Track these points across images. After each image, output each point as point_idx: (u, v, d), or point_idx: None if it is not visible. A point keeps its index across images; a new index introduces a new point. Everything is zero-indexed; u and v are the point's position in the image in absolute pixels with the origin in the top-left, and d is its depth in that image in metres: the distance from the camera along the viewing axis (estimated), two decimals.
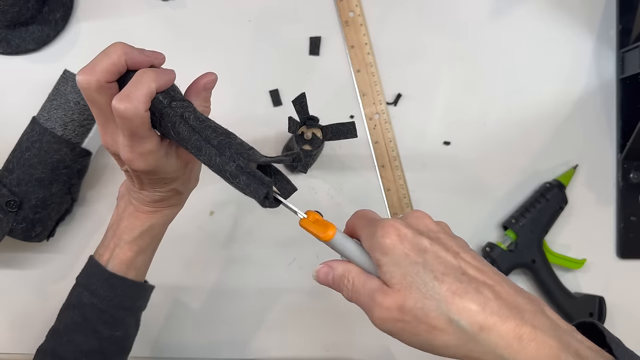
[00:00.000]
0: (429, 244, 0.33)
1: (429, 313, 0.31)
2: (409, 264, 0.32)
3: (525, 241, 0.61)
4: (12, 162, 0.56)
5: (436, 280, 0.32)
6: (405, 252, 0.33)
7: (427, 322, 0.31)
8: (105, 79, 0.39)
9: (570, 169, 0.63)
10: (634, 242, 0.64)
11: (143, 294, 0.51)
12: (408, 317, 0.32)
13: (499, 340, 0.30)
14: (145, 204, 0.46)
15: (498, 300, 0.31)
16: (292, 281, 0.64)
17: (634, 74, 0.62)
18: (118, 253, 0.48)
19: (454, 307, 0.31)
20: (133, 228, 0.47)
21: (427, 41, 0.64)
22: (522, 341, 0.30)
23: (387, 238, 0.33)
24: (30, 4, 0.59)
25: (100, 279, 0.48)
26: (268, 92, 0.63)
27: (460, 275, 0.32)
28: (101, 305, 0.47)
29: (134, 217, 0.47)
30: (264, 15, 0.64)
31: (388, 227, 0.33)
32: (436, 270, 0.32)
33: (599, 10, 0.65)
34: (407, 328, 0.32)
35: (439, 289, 0.31)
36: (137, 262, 0.48)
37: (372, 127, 0.64)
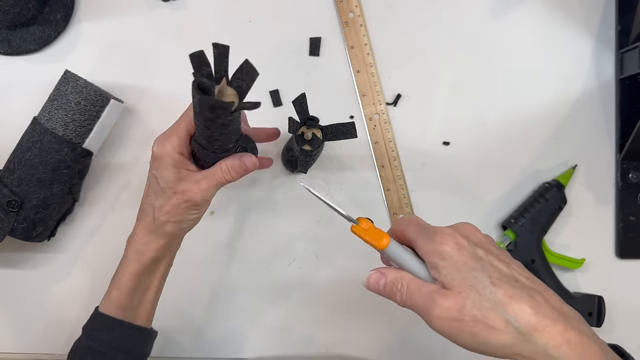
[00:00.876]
0: (484, 253, 0.37)
1: (487, 314, 0.34)
2: (468, 270, 0.35)
3: (525, 241, 0.62)
4: (13, 162, 0.57)
5: (493, 286, 0.35)
6: (463, 259, 0.36)
7: (486, 322, 0.34)
8: None
9: (569, 169, 0.64)
10: (633, 242, 0.64)
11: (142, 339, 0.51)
12: (467, 318, 0.34)
13: (550, 341, 0.33)
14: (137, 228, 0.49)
15: (548, 305, 0.35)
16: (292, 281, 0.64)
17: (633, 74, 0.62)
18: (107, 293, 0.50)
19: (511, 310, 0.34)
20: (119, 268, 0.49)
21: (427, 42, 0.64)
22: (570, 343, 0.33)
23: (447, 245, 0.36)
24: (31, 5, 0.59)
25: (95, 322, 0.49)
26: (268, 92, 0.64)
27: (514, 282, 0.35)
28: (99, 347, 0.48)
29: (126, 249, 0.49)
30: (264, 16, 0.64)
31: (447, 236, 0.36)
32: (493, 276, 0.35)
33: (598, 11, 0.65)
34: (464, 328, 0.35)
35: (496, 293, 0.35)
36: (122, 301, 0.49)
37: (372, 127, 0.64)
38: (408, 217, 0.41)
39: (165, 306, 0.63)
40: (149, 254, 0.48)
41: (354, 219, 0.40)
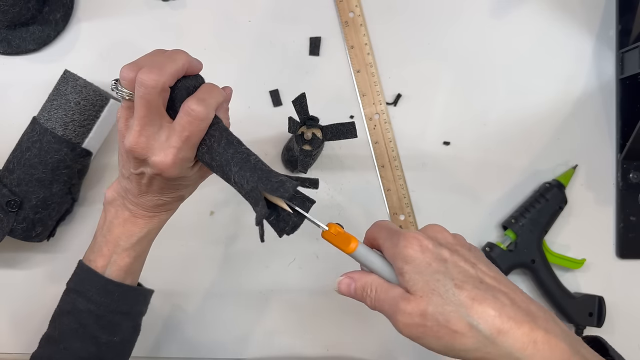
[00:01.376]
0: (448, 254, 0.36)
1: (449, 318, 0.33)
2: (430, 273, 0.35)
3: (525, 241, 0.61)
4: (12, 162, 0.56)
5: (456, 288, 0.34)
6: (427, 261, 0.35)
7: (448, 326, 0.33)
8: (169, 83, 0.39)
9: (569, 169, 0.63)
10: (634, 242, 0.64)
11: (141, 299, 0.51)
12: (430, 322, 0.34)
13: (515, 343, 0.33)
14: (145, 209, 0.46)
15: (513, 306, 0.34)
16: (292, 281, 0.64)
17: (634, 74, 0.62)
18: (116, 260, 0.47)
19: (474, 312, 0.33)
20: (131, 235, 0.46)
21: (427, 41, 0.64)
22: (536, 344, 0.33)
23: (410, 248, 0.35)
24: (31, 4, 0.59)
25: (97, 286, 0.47)
26: (268, 92, 0.64)
27: (479, 283, 0.35)
28: (98, 311, 0.47)
29: (131, 223, 0.46)
30: (264, 16, 0.64)
31: (410, 238, 0.36)
32: (456, 278, 0.34)
33: (598, 11, 0.65)
34: (429, 332, 0.34)
35: (459, 296, 0.34)
36: (134, 267, 0.48)
37: (372, 127, 0.64)
38: (380, 221, 0.40)
39: (165, 306, 0.63)
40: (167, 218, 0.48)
41: (323, 225, 0.40)
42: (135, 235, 0.47)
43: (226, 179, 0.41)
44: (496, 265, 0.60)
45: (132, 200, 0.46)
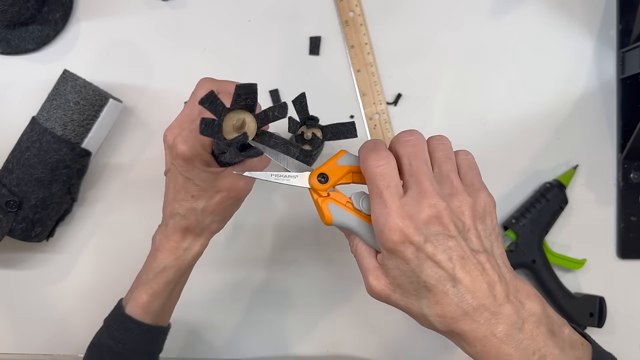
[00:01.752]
0: (431, 249, 0.34)
1: (411, 308, 0.36)
2: (404, 269, 0.35)
3: (526, 241, 0.61)
4: (11, 162, 0.56)
5: (425, 288, 0.35)
6: (405, 258, 0.34)
7: (408, 311, 0.37)
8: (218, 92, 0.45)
9: (570, 169, 0.63)
10: (635, 242, 0.64)
11: (160, 338, 0.51)
12: (393, 303, 0.37)
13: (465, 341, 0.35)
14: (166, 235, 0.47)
15: (477, 313, 0.34)
16: (292, 281, 0.64)
17: (635, 74, 0.61)
18: (135, 296, 0.48)
19: (433, 312, 0.35)
20: (149, 270, 0.47)
21: (427, 41, 0.64)
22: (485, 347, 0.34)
23: (391, 242, 0.34)
24: (30, 4, 0.59)
25: (118, 321, 0.49)
26: (268, 92, 0.63)
27: (451, 287, 0.34)
28: (116, 347, 0.48)
29: (152, 257, 0.47)
30: (264, 15, 0.64)
31: (395, 233, 0.34)
32: (429, 280, 0.34)
33: (599, 10, 0.64)
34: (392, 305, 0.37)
35: (426, 295, 0.35)
36: (152, 306, 0.48)
37: (372, 127, 0.64)
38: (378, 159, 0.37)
39: None
40: (190, 258, 0.47)
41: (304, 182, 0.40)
42: (152, 270, 0.47)
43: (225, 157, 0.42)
44: None
45: (161, 226, 0.48)
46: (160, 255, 0.47)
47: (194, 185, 0.44)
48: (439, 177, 0.37)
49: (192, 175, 0.43)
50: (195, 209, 0.45)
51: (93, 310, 0.64)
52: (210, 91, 0.37)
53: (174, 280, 0.47)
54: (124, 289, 0.63)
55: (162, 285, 0.47)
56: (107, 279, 0.64)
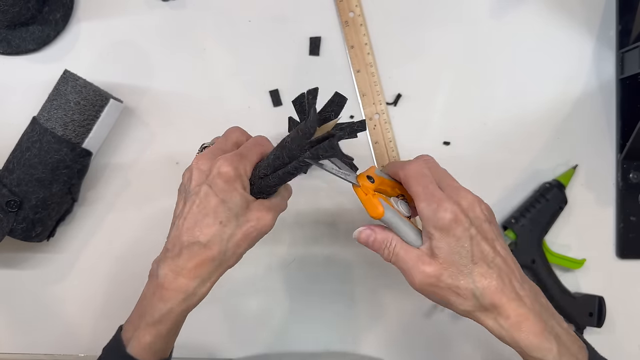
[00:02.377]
0: (475, 232, 0.41)
1: (459, 285, 0.41)
2: (456, 246, 0.41)
3: (525, 241, 0.61)
4: (12, 162, 0.56)
5: (473, 264, 0.41)
6: (457, 235, 0.41)
7: (456, 291, 0.41)
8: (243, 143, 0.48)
9: (570, 169, 0.63)
10: (634, 242, 0.64)
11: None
12: (442, 285, 0.42)
13: (502, 314, 0.41)
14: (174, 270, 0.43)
15: (510, 286, 0.41)
16: (292, 281, 0.64)
17: (634, 74, 0.62)
18: (138, 336, 0.45)
19: (480, 285, 0.41)
20: (153, 309, 0.43)
21: (427, 41, 0.64)
22: (517, 318, 0.41)
23: (446, 220, 0.40)
24: (31, 4, 0.59)
25: (118, 358, 0.45)
26: (268, 92, 0.64)
27: (491, 262, 0.41)
28: None
29: (157, 296, 0.43)
30: (264, 16, 0.64)
31: (449, 212, 0.41)
32: (475, 255, 0.41)
33: (598, 11, 0.65)
34: (438, 292, 0.42)
35: (473, 270, 0.41)
36: (156, 346, 0.45)
37: (372, 127, 0.64)
38: (415, 169, 0.44)
39: None
40: (198, 299, 0.44)
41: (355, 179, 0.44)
42: (158, 311, 0.43)
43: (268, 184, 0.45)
44: None
45: (167, 256, 0.43)
46: (166, 295, 0.42)
47: (227, 209, 0.42)
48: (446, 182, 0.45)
49: (229, 198, 0.42)
50: (221, 237, 0.42)
51: (93, 310, 0.64)
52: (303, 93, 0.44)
53: (181, 321, 0.45)
54: (124, 288, 0.63)
55: (169, 327, 0.44)
56: (108, 279, 0.64)
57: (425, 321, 0.64)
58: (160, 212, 0.63)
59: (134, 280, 0.64)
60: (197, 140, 0.63)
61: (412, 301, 0.64)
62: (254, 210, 0.43)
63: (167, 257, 0.43)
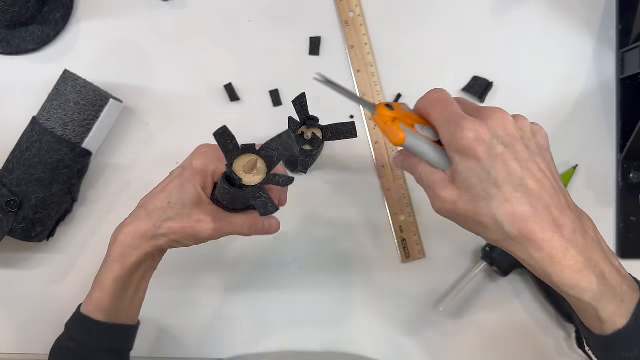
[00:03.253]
0: (502, 150, 0.36)
1: (479, 211, 0.36)
2: (477, 168, 0.36)
3: None
4: (12, 162, 0.56)
5: (495, 186, 0.36)
6: (477, 156, 0.36)
7: (476, 219, 0.37)
8: None
9: (570, 169, 0.63)
10: (634, 242, 0.64)
11: (124, 336, 0.50)
12: (460, 211, 0.38)
13: (533, 245, 0.36)
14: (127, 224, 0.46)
15: (545, 213, 0.36)
16: (292, 281, 0.64)
17: (634, 74, 0.62)
18: (90, 293, 0.47)
19: (502, 212, 0.36)
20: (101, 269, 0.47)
21: (427, 41, 0.64)
22: (551, 251, 0.35)
23: (466, 140, 0.36)
24: (31, 4, 0.59)
25: (77, 322, 0.48)
26: (268, 92, 0.63)
27: (519, 186, 0.36)
28: (78, 349, 0.47)
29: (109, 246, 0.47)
30: (264, 16, 0.64)
31: (469, 131, 0.36)
32: (499, 177, 0.36)
33: (598, 11, 0.65)
34: (459, 218, 0.39)
35: (495, 193, 0.36)
36: (104, 303, 0.47)
37: (372, 127, 0.64)
38: (432, 95, 0.41)
39: (164, 305, 0.63)
40: (133, 258, 0.46)
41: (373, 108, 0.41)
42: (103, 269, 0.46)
43: None
44: (496, 265, 0.61)
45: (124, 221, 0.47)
46: (111, 249, 0.46)
47: (179, 195, 0.45)
48: None
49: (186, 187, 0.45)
50: (161, 214, 0.45)
51: None
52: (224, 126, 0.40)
53: (121, 277, 0.46)
54: None
55: (110, 282, 0.46)
56: None
57: (424, 321, 0.64)
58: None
59: None
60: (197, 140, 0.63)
61: (412, 301, 0.64)
62: (200, 212, 0.45)
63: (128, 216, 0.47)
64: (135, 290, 0.48)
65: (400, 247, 0.63)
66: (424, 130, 0.40)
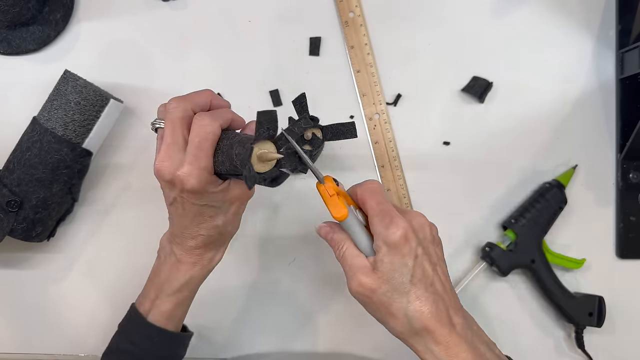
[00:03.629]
0: (421, 252, 0.42)
1: (392, 303, 0.41)
2: (399, 264, 0.41)
3: (525, 241, 0.61)
4: (12, 162, 0.56)
5: (411, 284, 0.41)
6: (402, 253, 0.41)
7: (388, 309, 0.42)
8: (194, 110, 0.45)
9: (569, 169, 0.63)
10: (634, 242, 0.64)
11: (181, 344, 0.53)
12: (375, 299, 0.42)
13: (433, 340, 0.41)
14: (186, 251, 0.48)
15: (445, 312, 0.42)
16: (292, 281, 0.64)
17: (634, 74, 0.62)
18: (159, 305, 0.49)
19: (412, 308, 0.41)
20: (173, 280, 0.49)
21: (427, 41, 0.64)
22: (448, 345, 0.41)
23: (395, 237, 0.41)
24: (31, 5, 0.59)
25: (139, 328, 0.50)
26: (268, 92, 0.64)
27: (429, 286, 0.42)
28: (138, 352, 0.49)
29: (175, 268, 0.49)
30: (264, 16, 0.64)
31: (400, 229, 0.41)
32: (415, 276, 0.41)
33: (598, 11, 0.65)
34: (371, 305, 0.42)
35: (409, 290, 0.41)
36: (176, 314, 0.50)
37: (372, 127, 0.64)
38: (372, 185, 0.44)
39: None
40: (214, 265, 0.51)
41: (321, 176, 0.44)
42: (177, 281, 0.49)
43: (234, 171, 0.43)
44: (496, 265, 0.61)
45: (177, 243, 0.49)
46: (184, 268, 0.49)
47: (210, 208, 0.45)
48: None
49: (207, 201, 0.45)
50: (217, 226, 0.47)
51: (94, 310, 0.64)
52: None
53: (196, 289, 0.51)
54: (124, 288, 0.63)
55: (188, 295, 0.50)
56: (108, 279, 0.64)
57: None
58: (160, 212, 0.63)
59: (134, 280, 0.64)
60: None
61: None
62: (233, 190, 0.46)
63: (178, 242, 0.49)
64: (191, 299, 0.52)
65: None
66: (357, 213, 0.44)
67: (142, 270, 0.64)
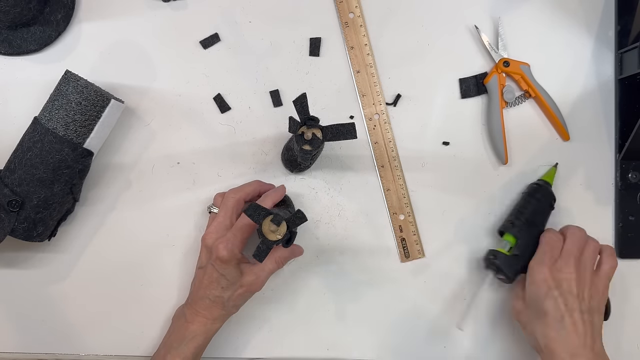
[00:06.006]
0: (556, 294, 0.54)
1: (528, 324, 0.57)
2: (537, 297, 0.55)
3: (525, 243, 0.59)
4: (13, 162, 0.57)
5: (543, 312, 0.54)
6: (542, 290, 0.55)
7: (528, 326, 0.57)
8: (245, 199, 0.59)
9: (551, 168, 0.63)
10: (633, 242, 0.64)
11: None
12: (521, 319, 0.58)
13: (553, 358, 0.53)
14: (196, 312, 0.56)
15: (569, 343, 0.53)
16: (292, 281, 0.64)
17: (633, 75, 0.62)
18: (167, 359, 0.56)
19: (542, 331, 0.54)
20: (181, 338, 0.56)
21: (427, 42, 0.64)
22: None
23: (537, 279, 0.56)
24: (32, 5, 0.59)
25: None
26: (268, 92, 0.64)
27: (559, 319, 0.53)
28: None
29: (184, 328, 0.56)
30: (264, 17, 0.64)
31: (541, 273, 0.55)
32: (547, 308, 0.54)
33: (597, 11, 0.65)
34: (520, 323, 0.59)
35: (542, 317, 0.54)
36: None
37: (372, 127, 0.64)
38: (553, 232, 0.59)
39: (165, 306, 0.64)
40: (215, 329, 0.58)
41: None
42: (184, 339, 0.56)
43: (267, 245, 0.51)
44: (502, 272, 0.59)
45: (188, 304, 0.58)
46: (191, 326, 0.56)
47: (225, 279, 0.55)
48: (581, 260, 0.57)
49: (226, 272, 0.54)
50: (222, 297, 0.56)
51: (94, 310, 0.64)
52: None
53: (202, 346, 0.57)
54: (124, 288, 0.63)
55: (193, 350, 0.56)
56: (109, 279, 0.64)
57: (424, 323, 0.64)
58: (161, 212, 0.64)
59: (134, 280, 0.64)
60: (197, 141, 0.64)
61: (411, 305, 0.64)
62: (247, 277, 0.56)
63: (189, 303, 0.58)
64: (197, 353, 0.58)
65: (400, 247, 0.64)
66: None
67: (142, 270, 0.64)
